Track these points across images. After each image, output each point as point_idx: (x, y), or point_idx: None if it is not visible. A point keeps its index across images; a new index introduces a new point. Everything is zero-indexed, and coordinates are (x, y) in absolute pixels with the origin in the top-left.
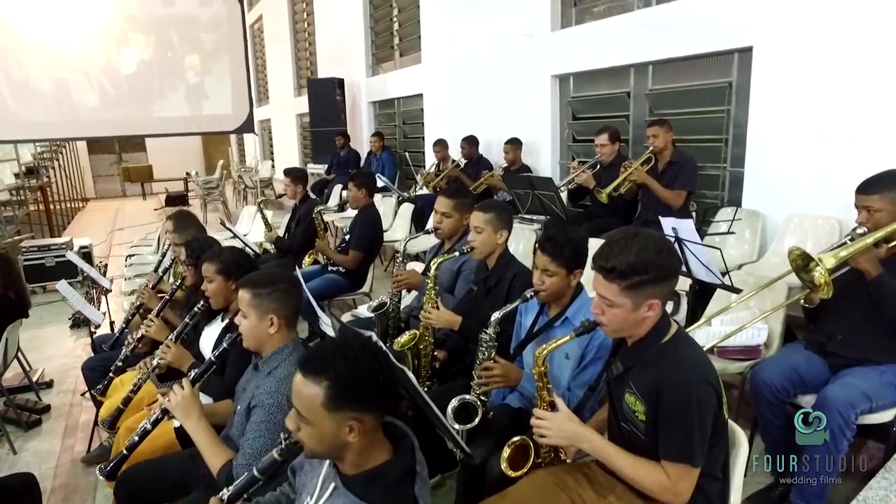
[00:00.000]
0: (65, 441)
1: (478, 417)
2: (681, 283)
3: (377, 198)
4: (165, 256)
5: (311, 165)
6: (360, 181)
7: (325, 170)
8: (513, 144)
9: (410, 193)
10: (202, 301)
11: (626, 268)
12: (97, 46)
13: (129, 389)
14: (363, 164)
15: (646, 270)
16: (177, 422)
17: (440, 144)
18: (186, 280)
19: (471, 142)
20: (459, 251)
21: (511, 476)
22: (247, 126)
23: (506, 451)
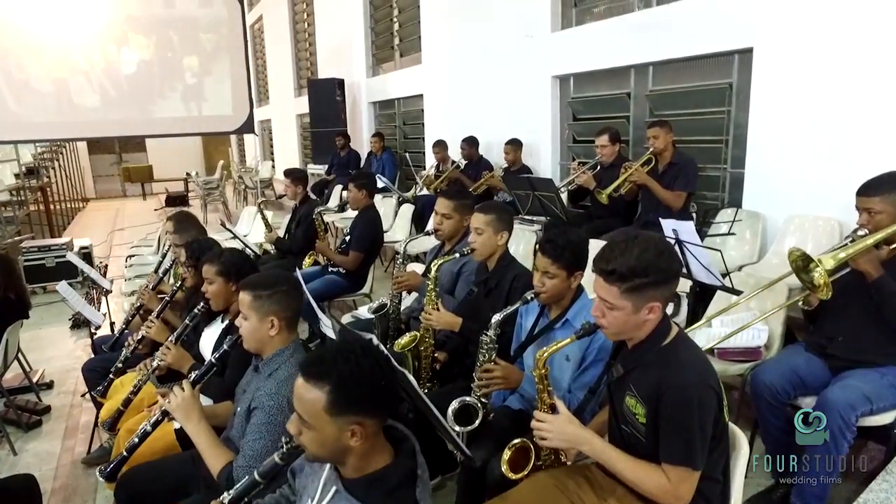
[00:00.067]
0: (65, 442)
1: (478, 419)
2: (681, 285)
3: (377, 198)
4: (166, 257)
5: (312, 166)
6: (361, 182)
7: (326, 170)
8: (513, 145)
9: (411, 196)
10: (202, 302)
11: (627, 270)
12: (97, 47)
13: (129, 391)
14: (363, 165)
15: (646, 273)
16: (177, 423)
17: (440, 145)
18: (187, 281)
19: (471, 142)
20: (460, 253)
21: (511, 478)
22: (247, 127)
23: (506, 454)
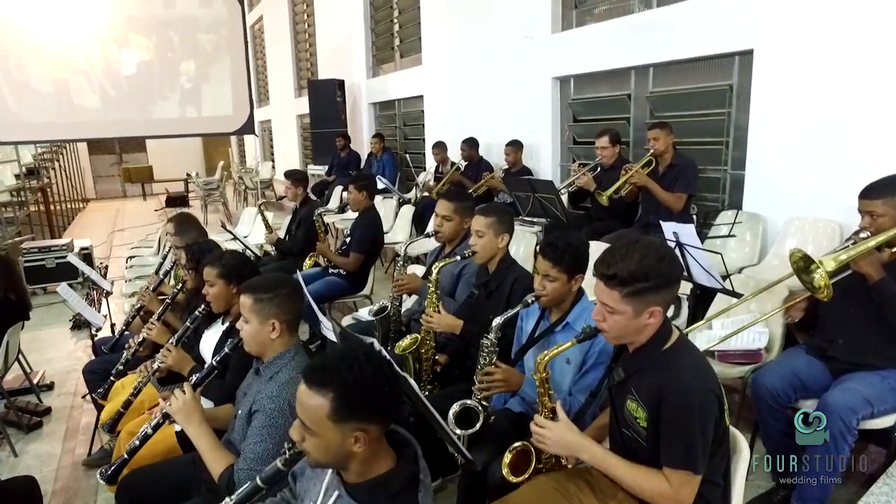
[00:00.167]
0: (65, 444)
1: (479, 422)
2: (682, 287)
3: (377, 200)
4: (166, 259)
5: (312, 167)
6: (361, 184)
7: (326, 171)
8: (514, 146)
9: (413, 201)
10: (203, 305)
11: (628, 275)
12: (98, 47)
13: (130, 393)
14: (363, 166)
15: (647, 278)
16: (178, 426)
17: (439, 147)
18: (187, 283)
19: (471, 144)
20: (461, 255)
21: (512, 481)
22: (247, 127)
23: (507, 457)
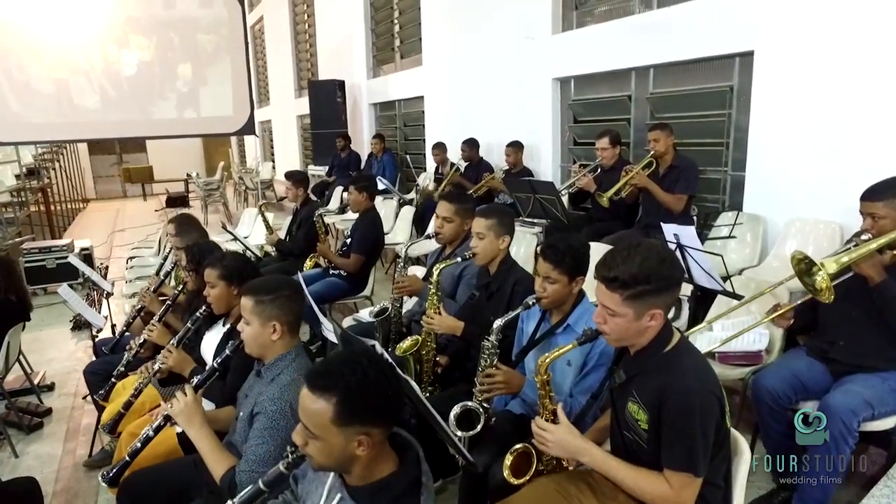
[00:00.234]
0: (66, 445)
1: (480, 424)
2: (682, 289)
3: (378, 200)
4: (167, 259)
5: (312, 167)
6: (362, 185)
7: (326, 171)
8: (514, 147)
9: (414, 202)
10: (204, 306)
11: (629, 278)
12: (98, 48)
13: (131, 394)
14: (364, 166)
15: (648, 280)
16: (179, 427)
17: (439, 147)
18: (188, 285)
19: (471, 144)
20: (461, 256)
21: (513, 483)
22: (248, 128)
23: (508, 459)
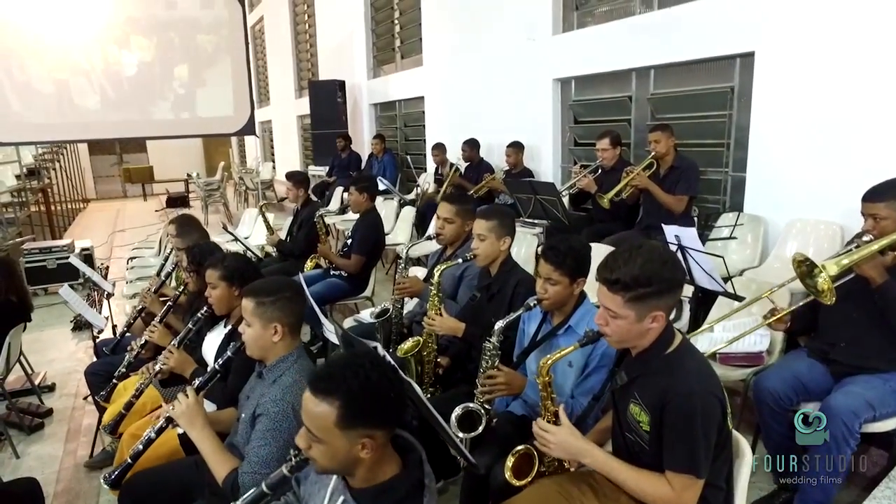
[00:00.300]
0: (67, 445)
1: (481, 426)
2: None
3: (378, 201)
4: (168, 260)
5: (312, 167)
6: (362, 185)
7: (327, 172)
8: (515, 148)
9: (416, 205)
10: (205, 307)
11: (631, 280)
12: (98, 48)
13: (132, 394)
14: (364, 167)
15: (650, 283)
16: (180, 429)
17: (438, 148)
18: (189, 286)
19: (472, 144)
20: (462, 258)
21: (515, 485)
22: (248, 128)
23: (510, 460)
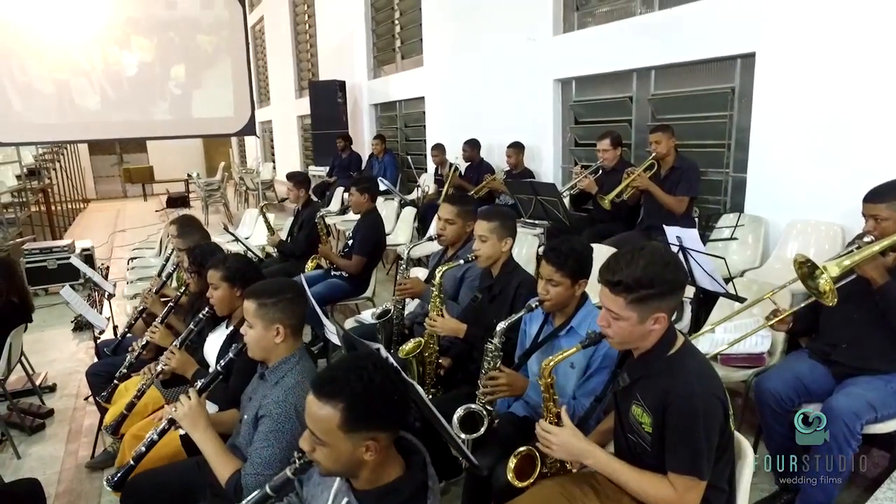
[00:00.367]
0: (68, 446)
1: (483, 427)
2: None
3: (379, 201)
4: (169, 261)
5: (313, 168)
6: (363, 186)
7: (327, 172)
8: (515, 148)
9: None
10: (207, 308)
11: (633, 281)
12: (98, 49)
13: (133, 395)
14: (364, 167)
15: (652, 284)
16: (182, 430)
17: (438, 149)
18: (190, 287)
19: (473, 145)
20: (464, 259)
21: (517, 486)
22: (249, 129)
23: (512, 462)
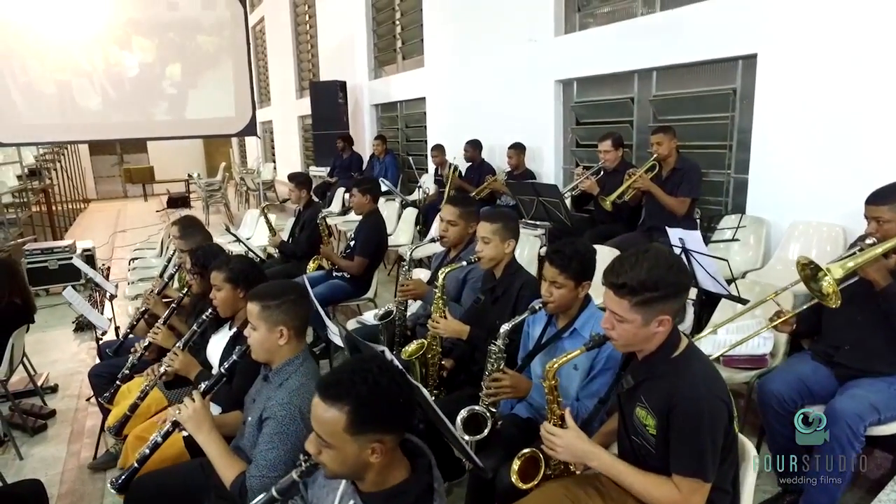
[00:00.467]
0: (70, 447)
1: (487, 429)
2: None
3: (380, 202)
4: (171, 261)
5: (314, 168)
6: (365, 187)
7: (328, 173)
8: (516, 149)
9: (418, 205)
10: (210, 309)
11: (637, 284)
12: (99, 49)
13: (136, 396)
14: (365, 168)
15: (656, 287)
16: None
17: (438, 149)
18: (192, 288)
19: (474, 145)
20: (466, 260)
21: (521, 488)
22: (249, 129)
23: (516, 464)
